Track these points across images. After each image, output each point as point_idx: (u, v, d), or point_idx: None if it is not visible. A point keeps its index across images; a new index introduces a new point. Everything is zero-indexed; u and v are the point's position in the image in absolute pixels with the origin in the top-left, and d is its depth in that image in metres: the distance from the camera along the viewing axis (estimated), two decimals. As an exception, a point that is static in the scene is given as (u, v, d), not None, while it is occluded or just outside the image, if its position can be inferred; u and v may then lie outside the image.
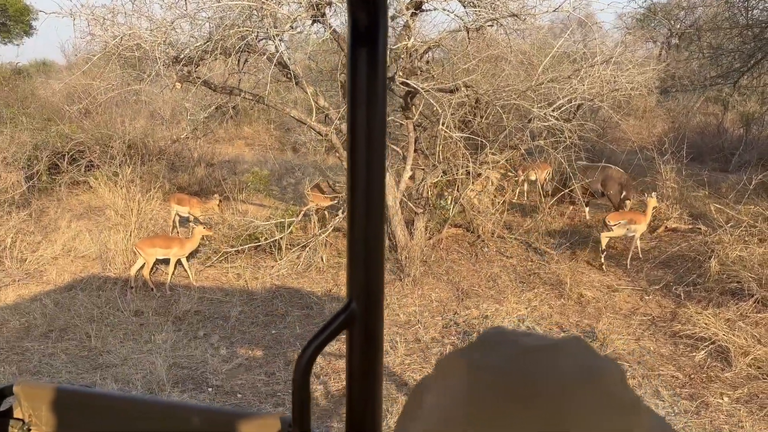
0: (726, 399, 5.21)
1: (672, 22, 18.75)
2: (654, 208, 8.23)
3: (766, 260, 6.96)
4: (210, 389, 5.27)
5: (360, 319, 0.87)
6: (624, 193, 9.30)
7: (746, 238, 7.37)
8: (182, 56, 6.51)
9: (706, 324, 6.08)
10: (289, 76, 7.03)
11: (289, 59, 7.25)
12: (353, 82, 0.82)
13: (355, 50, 0.81)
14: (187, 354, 5.87)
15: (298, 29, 6.37)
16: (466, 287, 7.58)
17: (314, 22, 6.55)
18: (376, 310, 0.87)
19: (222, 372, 5.52)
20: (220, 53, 6.61)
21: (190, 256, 7.90)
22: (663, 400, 5.23)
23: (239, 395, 5.19)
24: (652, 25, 18.98)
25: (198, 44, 6.52)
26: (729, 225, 7.73)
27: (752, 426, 4.80)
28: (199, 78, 6.88)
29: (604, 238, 7.92)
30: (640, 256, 8.25)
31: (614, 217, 8.05)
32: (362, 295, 0.86)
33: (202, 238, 7.95)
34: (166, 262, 7.63)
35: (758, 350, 5.68)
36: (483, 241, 8.85)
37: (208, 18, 6.51)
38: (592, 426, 0.46)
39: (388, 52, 7.42)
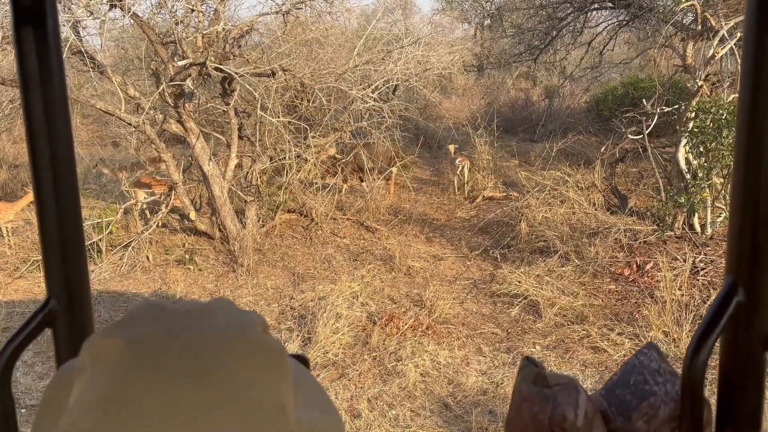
0: (538, 347, 5.76)
1: (483, 4, 19.97)
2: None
3: (566, 219, 7.75)
4: (23, 410, 4.83)
5: (63, 316, 0.83)
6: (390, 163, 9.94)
7: (550, 201, 8.14)
8: (-44, 47, 5.78)
9: (519, 282, 6.65)
10: (88, 65, 6.52)
11: (101, 48, 6.73)
12: (22, 64, 0.77)
13: (21, 29, 0.77)
14: (-6, 377, 5.32)
15: (95, 15, 5.92)
16: (301, 271, 7.62)
17: (112, 7, 6.12)
18: (81, 305, 0.84)
19: (37, 390, 5.09)
20: (5, 42, 5.97)
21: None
22: (485, 356, 5.67)
23: (58, 412, 4.81)
24: (465, 7, 20.07)
25: (-26, 33, 5.83)
26: (536, 190, 8.48)
27: (560, 368, 5.35)
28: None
29: (458, 178, 9.74)
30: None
31: (462, 159, 9.78)
32: (63, 291, 0.83)
33: None
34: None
35: (562, 300, 6.33)
36: (317, 224, 8.92)
37: (-15, 3, 5.84)
38: (245, 374, 0.48)
39: (199, 39, 7.17)
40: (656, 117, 7.57)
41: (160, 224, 8.12)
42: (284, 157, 8.28)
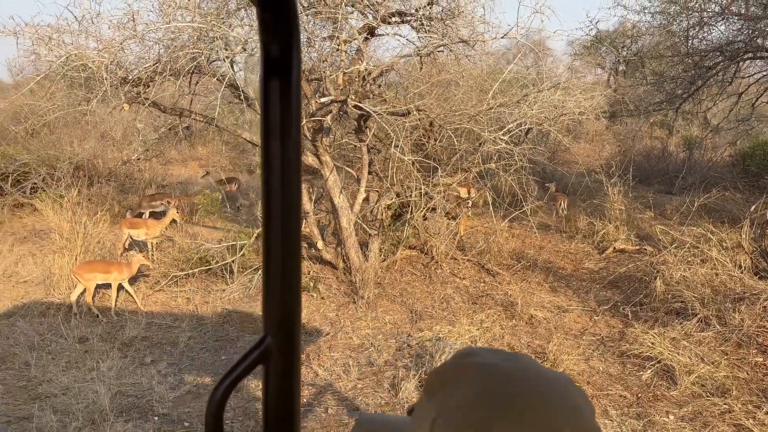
0: (671, 417, 5.32)
1: (618, 50, 19.43)
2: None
3: (708, 280, 7.18)
4: (156, 418, 5.11)
5: (276, 354, 0.85)
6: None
7: (689, 259, 7.60)
8: (131, 77, 6.40)
9: (652, 343, 6.21)
10: (240, 97, 6.98)
11: (244, 81, 7.21)
12: (266, 112, 0.81)
13: (268, 81, 0.81)
14: (132, 382, 5.69)
15: (249, 51, 6.35)
16: (419, 309, 7.59)
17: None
18: (292, 344, 0.86)
19: (169, 400, 5.37)
20: (170, 75, 6.53)
21: (134, 280, 7.72)
22: (611, 420, 5.30)
23: (186, 423, 5.05)
24: (600, 52, 19.62)
25: (147, 65, 6.43)
26: (673, 246, 7.97)
27: (696, 443, 4.90)
28: (148, 99, 6.77)
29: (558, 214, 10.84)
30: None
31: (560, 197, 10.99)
32: (278, 330, 0.85)
33: (141, 266, 7.78)
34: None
35: (702, 368, 5.82)
36: (437, 262, 8.90)
37: (158, 39, 6.44)
38: (584, 424, 0.56)
39: (340, 77, 7.47)
40: (819, 177, 6.89)
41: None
42: (410, 194, 8.36)
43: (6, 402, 5.23)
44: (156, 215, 10.38)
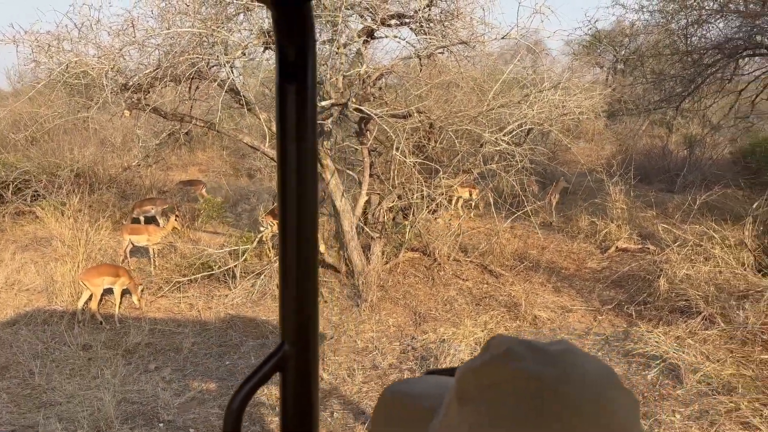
0: (678, 416, 5.30)
1: (617, 48, 19.44)
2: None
3: (711, 278, 7.17)
4: (161, 425, 5.09)
5: (293, 361, 0.84)
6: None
7: (692, 257, 7.59)
8: (131, 83, 6.40)
9: (657, 342, 6.20)
10: (241, 102, 6.98)
11: (242, 85, 7.21)
12: (282, 117, 0.81)
13: (284, 85, 0.80)
14: (137, 388, 5.67)
15: (250, 56, 6.35)
16: (423, 311, 7.58)
17: (266, 48, 6.54)
18: (310, 351, 0.85)
19: (174, 406, 5.35)
20: (170, 80, 6.53)
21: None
22: (618, 420, 5.29)
23: (192, 430, 5.03)
24: (598, 51, 19.63)
25: (147, 71, 6.43)
26: (676, 244, 7.96)
27: (703, 442, 4.88)
28: (149, 105, 6.77)
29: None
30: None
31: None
32: (295, 337, 0.84)
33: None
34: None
35: (707, 367, 5.80)
36: (439, 264, 8.88)
37: (158, 45, 6.44)
38: (629, 421, 0.54)
39: (340, 80, 7.48)
40: (821, 173, 6.89)
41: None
42: (412, 196, 8.36)
43: (11, 411, 5.21)
44: (149, 221, 10.39)
